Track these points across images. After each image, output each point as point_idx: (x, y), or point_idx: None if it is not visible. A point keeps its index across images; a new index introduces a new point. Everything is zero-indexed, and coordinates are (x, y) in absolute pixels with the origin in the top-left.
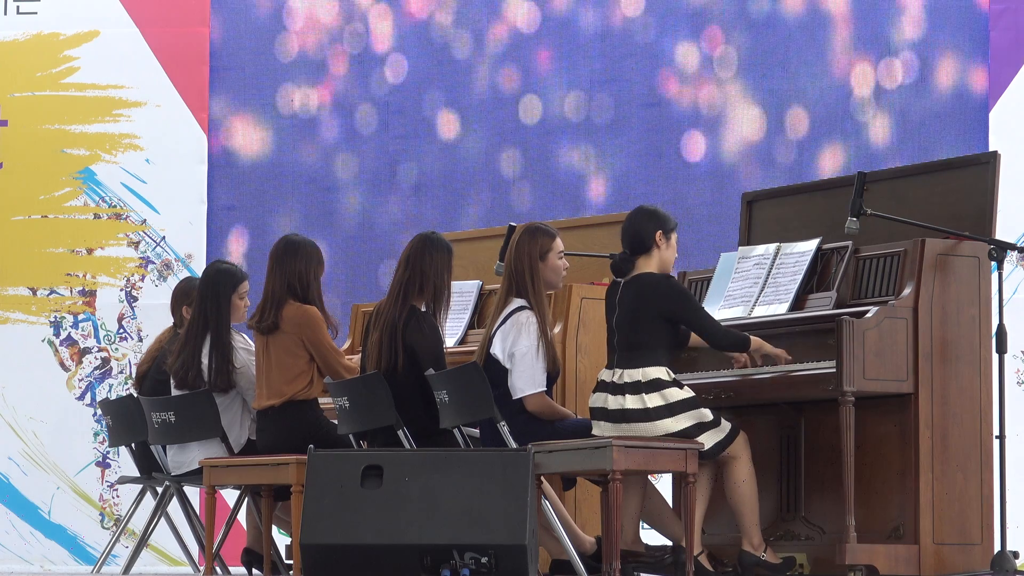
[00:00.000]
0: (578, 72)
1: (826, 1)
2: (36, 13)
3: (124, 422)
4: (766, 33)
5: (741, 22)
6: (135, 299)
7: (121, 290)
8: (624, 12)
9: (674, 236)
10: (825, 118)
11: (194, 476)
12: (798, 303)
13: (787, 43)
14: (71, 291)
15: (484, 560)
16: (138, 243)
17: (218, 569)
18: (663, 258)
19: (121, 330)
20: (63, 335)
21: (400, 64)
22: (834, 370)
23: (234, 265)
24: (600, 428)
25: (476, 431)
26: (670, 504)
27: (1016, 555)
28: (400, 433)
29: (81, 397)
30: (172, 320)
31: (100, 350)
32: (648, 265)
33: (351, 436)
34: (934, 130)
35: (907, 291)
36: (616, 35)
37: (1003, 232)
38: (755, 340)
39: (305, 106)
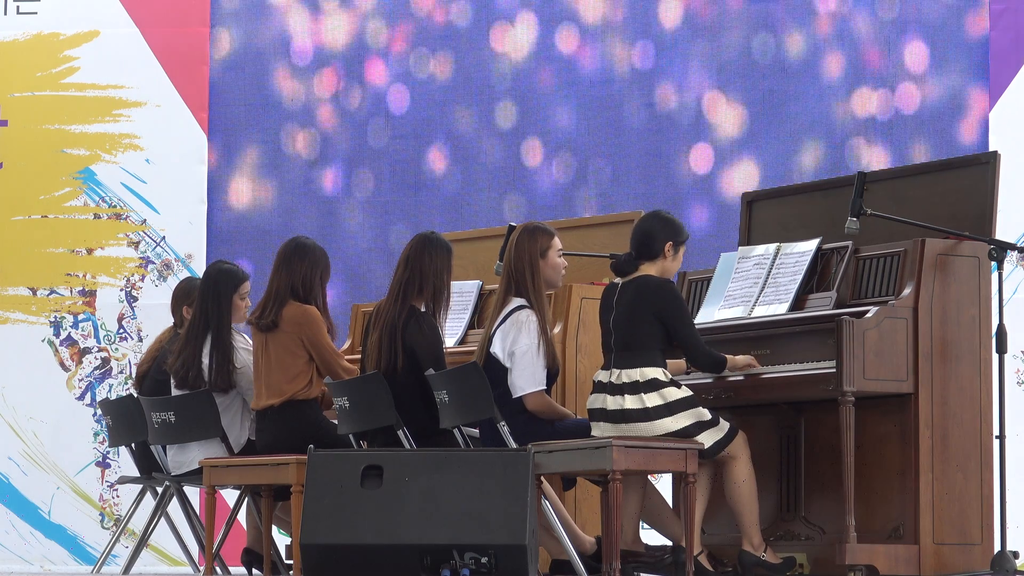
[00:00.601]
0: (580, 116)
1: (826, 38)
2: (36, 13)
3: (124, 422)
4: (769, 75)
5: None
6: (135, 299)
7: (121, 290)
8: (632, 61)
9: (682, 249)
10: (827, 150)
11: (194, 476)
12: (798, 303)
13: (787, 82)
14: (71, 291)
15: (484, 560)
16: (138, 243)
17: (218, 569)
18: (666, 267)
19: (121, 330)
20: (63, 335)
21: (402, 99)
22: (834, 370)
23: (235, 265)
24: (600, 429)
25: (476, 431)
26: (670, 504)
27: (1016, 555)
28: (400, 433)
29: (81, 397)
30: (172, 320)
31: (100, 350)
32: (650, 270)
33: (351, 436)
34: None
35: (907, 291)
36: (619, 81)
37: (1003, 232)
38: (729, 359)
39: (308, 150)
